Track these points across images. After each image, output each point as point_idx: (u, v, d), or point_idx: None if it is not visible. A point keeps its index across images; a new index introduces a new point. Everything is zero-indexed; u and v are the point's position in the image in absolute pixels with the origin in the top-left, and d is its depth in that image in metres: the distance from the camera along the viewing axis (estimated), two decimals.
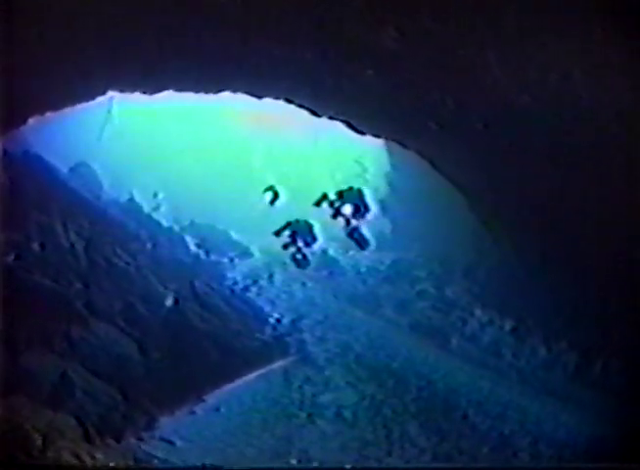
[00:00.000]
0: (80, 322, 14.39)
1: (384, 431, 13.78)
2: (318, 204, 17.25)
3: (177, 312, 15.57)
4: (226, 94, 15.30)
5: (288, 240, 17.25)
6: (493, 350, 15.98)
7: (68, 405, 12.98)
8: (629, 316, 13.94)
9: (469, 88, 12.79)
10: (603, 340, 14.74)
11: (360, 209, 17.24)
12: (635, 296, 13.78)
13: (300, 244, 17.24)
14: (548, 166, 13.83)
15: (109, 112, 18.30)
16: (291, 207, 18.14)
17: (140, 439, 13.09)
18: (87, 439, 12.61)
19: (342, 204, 17.10)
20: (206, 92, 15.36)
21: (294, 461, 12.92)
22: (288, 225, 17.15)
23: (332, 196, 17.13)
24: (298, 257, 17.39)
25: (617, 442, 13.23)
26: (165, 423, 13.47)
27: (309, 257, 17.44)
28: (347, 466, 12.75)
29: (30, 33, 11.63)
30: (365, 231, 17.83)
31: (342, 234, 17.57)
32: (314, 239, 17.49)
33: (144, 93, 15.03)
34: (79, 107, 15.03)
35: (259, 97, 15.37)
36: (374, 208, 18.44)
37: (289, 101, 15.24)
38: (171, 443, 13.08)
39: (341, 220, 17.30)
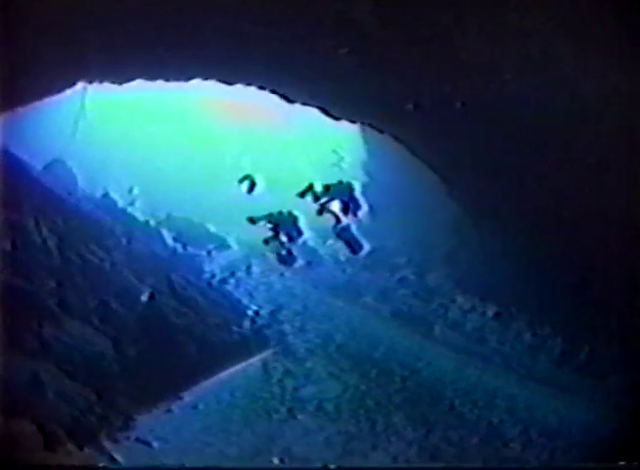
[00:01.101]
0: (53, 321, 13.40)
1: (368, 423, 12.78)
2: (302, 195, 16.35)
3: (153, 308, 14.40)
4: (197, 81, 14.61)
5: (269, 233, 16.06)
6: (477, 336, 14.80)
7: (39, 408, 12.13)
8: (616, 300, 13.37)
9: (447, 65, 11.59)
10: (589, 324, 13.89)
11: (349, 206, 16.22)
12: (622, 280, 13.22)
13: (284, 238, 16.03)
14: (530, 148, 13.09)
15: (82, 106, 16.81)
16: (269, 196, 16.78)
17: (115, 440, 12.23)
18: (58, 443, 11.74)
19: (330, 199, 16.17)
20: (177, 80, 14.61)
21: (275, 460, 12.06)
22: (269, 217, 16.03)
23: (317, 188, 16.27)
24: (283, 252, 16.10)
25: (608, 428, 12.69)
26: (142, 423, 12.55)
27: (295, 252, 16.12)
28: (332, 466, 11.96)
29: None
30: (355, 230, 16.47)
31: (329, 229, 16.39)
32: (299, 233, 16.24)
33: (113, 83, 14.41)
34: (51, 101, 14.47)
35: (231, 83, 14.48)
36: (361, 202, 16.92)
37: (261, 87, 14.36)
38: (148, 444, 12.19)
39: (327, 215, 16.26)
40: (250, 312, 15.01)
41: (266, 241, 16.17)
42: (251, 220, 16.09)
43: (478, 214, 15.24)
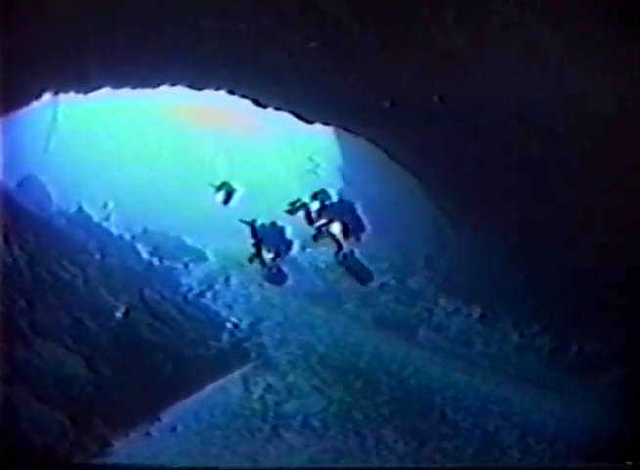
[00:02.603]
0: (24, 343, 11.75)
1: (357, 439, 11.34)
2: (290, 212, 15.05)
3: (128, 325, 12.90)
4: (165, 88, 13.01)
5: (251, 250, 14.71)
6: (463, 339, 13.69)
7: (9, 435, 10.53)
8: (604, 296, 12.26)
9: (425, 56, 10.29)
10: (577, 321, 12.77)
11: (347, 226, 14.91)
12: (609, 276, 12.13)
13: (269, 254, 14.57)
14: (513, 145, 11.79)
15: (53, 119, 15.51)
16: (247, 206, 15.61)
17: (90, 468, 10.86)
18: None
19: (321, 215, 14.88)
20: (144, 87, 13.14)
21: None
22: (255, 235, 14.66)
23: (306, 199, 15.11)
24: (273, 271, 14.78)
25: (604, 427, 11.52)
26: (119, 448, 11.05)
27: (284, 270, 14.82)
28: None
29: None
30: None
31: (308, 237, 15.23)
32: (287, 247, 14.84)
33: (78, 93, 12.76)
34: (21, 115, 12.92)
35: (199, 88, 12.99)
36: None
37: (231, 92, 12.90)
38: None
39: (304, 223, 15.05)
40: (228, 325, 13.63)
41: (250, 259, 14.85)
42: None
43: (457, 215, 14.17)
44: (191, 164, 16.47)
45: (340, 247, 14.66)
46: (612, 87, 10.22)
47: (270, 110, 13.38)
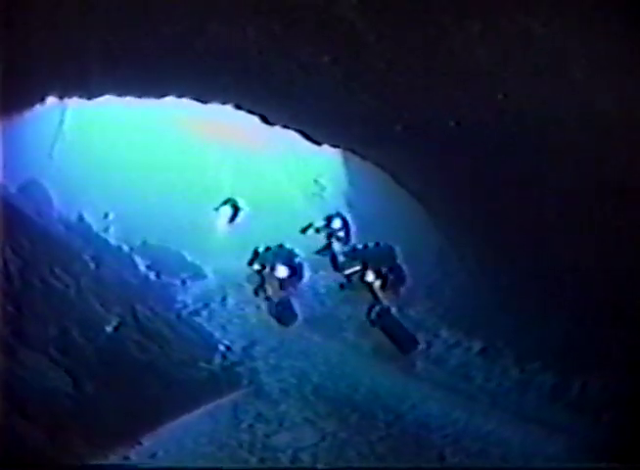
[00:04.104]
0: (8, 351, 10.40)
1: None
2: (304, 231, 13.85)
3: (116, 341, 11.58)
4: (170, 99, 11.85)
5: (256, 280, 13.25)
6: (462, 372, 12.46)
7: None
8: (608, 332, 10.91)
9: (443, 76, 9.02)
10: (580, 357, 11.40)
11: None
12: (613, 311, 10.73)
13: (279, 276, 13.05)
14: (530, 177, 10.45)
15: (60, 126, 14.67)
16: (252, 224, 14.68)
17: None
18: None
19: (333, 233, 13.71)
20: (149, 96, 12.01)
21: None
22: (256, 256, 13.08)
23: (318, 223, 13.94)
24: (280, 308, 13.16)
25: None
26: None
27: (295, 307, 13.36)
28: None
29: None
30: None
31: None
32: (300, 276, 13.34)
33: (81, 98, 11.72)
34: (27, 119, 11.98)
35: (205, 102, 11.84)
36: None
37: (237, 107, 11.71)
38: None
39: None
40: (221, 347, 12.37)
41: (256, 292, 13.27)
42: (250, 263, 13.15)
43: (463, 246, 13.09)
44: (195, 178, 15.56)
45: (376, 300, 12.85)
46: None
47: (277, 128, 12.26)
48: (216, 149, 15.44)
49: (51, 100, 11.61)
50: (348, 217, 14.67)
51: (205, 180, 15.51)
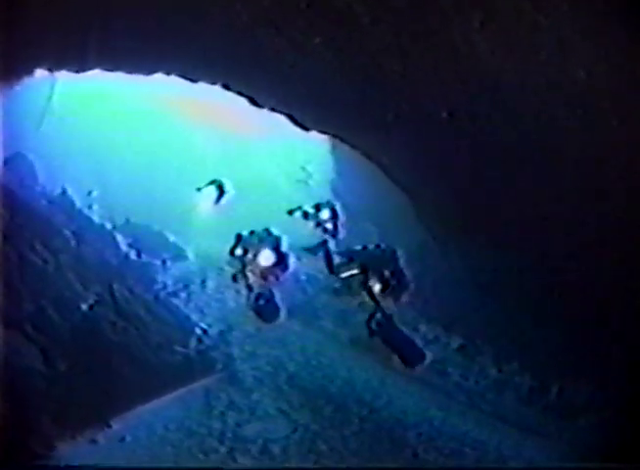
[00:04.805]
0: None
1: None
2: (291, 213, 13.02)
3: (91, 320, 11.26)
4: (159, 77, 11.77)
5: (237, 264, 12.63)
6: (439, 368, 11.93)
7: None
8: (587, 336, 10.99)
9: (439, 64, 8.58)
10: (559, 361, 11.32)
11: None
12: (593, 314, 10.85)
13: (262, 264, 12.52)
14: (525, 174, 10.37)
15: (49, 98, 13.89)
16: (237, 207, 13.73)
17: None
18: None
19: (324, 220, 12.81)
20: (139, 73, 11.84)
21: None
22: (238, 242, 12.60)
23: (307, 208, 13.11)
24: (261, 302, 12.40)
25: None
26: (63, 453, 9.58)
27: (278, 301, 12.57)
28: None
29: None
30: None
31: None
32: (285, 265, 12.69)
33: (69, 71, 11.75)
34: (16, 92, 12.02)
35: (193, 80, 11.59)
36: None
37: (225, 86, 11.44)
38: None
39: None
40: (197, 331, 11.82)
41: (234, 277, 12.62)
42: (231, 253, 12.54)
43: (447, 241, 12.46)
44: (182, 159, 14.44)
45: (377, 307, 12.15)
46: None
47: (265, 111, 11.95)
48: (203, 130, 14.85)
49: (40, 73, 11.48)
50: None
51: (191, 161, 14.49)
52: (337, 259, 12.77)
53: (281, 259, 12.59)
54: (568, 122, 8.64)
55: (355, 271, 12.20)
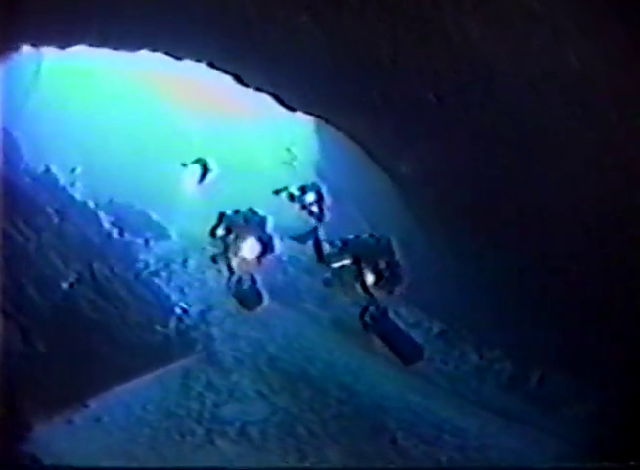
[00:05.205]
0: None
1: (297, 456, 9.34)
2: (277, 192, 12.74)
3: (71, 298, 10.90)
4: (144, 53, 11.36)
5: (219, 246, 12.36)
6: None
7: None
8: (569, 324, 10.65)
9: (429, 46, 8.27)
10: (540, 349, 11.05)
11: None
12: (576, 303, 10.53)
13: (246, 254, 12.16)
14: (510, 159, 10.03)
15: (36, 77, 13.58)
16: (221, 186, 13.51)
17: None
18: None
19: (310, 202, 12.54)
20: (124, 49, 11.46)
21: None
22: (220, 222, 12.31)
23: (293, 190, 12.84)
24: (244, 286, 11.98)
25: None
26: (39, 433, 9.23)
27: (260, 287, 12.19)
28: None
29: None
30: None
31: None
32: (271, 247, 12.36)
33: (55, 46, 11.37)
34: (4, 68, 11.44)
35: (179, 58, 11.19)
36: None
37: (211, 65, 11.11)
38: (38, 461, 8.77)
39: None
40: (177, 310, 11.51)
41: (214, 258, 12.32)
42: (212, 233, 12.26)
43: (431, 226, 12.20)
44: (166, 137, 14.20)
45: (371, 300, 11.81)
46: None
47: (251, 91, 11.63)
48: (189, 108, 14.56)
49: (27, 49, 11.20)
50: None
51: (176, 140, 14.27)
52: (327, 248, 12.50)
53: (266, 244, 12.28)
54: (561, 110, 8.37)
55: (347, 262, 11.86)
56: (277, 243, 12.84)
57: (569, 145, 8.89)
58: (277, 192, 12.67)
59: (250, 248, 12.07)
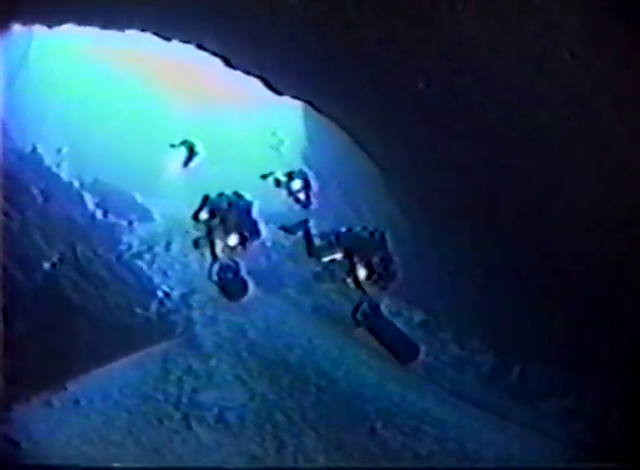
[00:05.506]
0: None
1: (274, 444, 9.21)
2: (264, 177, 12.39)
3: (53, 279, 10.77)
4: (133, 33, 11.10)
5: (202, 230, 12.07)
6: None
7: None
8: (552, 318, 10.44)
9: (421, 33, 8.10)
10: (522, 342, 10.79)
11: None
12: (559, 295, 10.35)
13: (230, 240, 11.89)
14: (499, 151, 9.84)
15: (25, 56, 13.47)
16: (207, 170, 13.23)
17: None
18: None
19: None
20: (112, 27, 11.14)
21: None
22: (204, 204, 12.02)
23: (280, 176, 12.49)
24: (229, 274, 11.66)
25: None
26: (18, 414, 9.19)
27: (245, 276, 11.86)
28: None
29: None
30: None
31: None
32: (257, 231, 12.08)
33: (43, 24, 11.17)
34: None
35: (167, 38, 10.95)
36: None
37: (200, 46, 10.82)
38: (15, 443, 8.75)
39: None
40: (159, 293, 11.30)
41: (195, 243, 12.07)
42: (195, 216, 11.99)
43: (415, 214, 11.92)
44: (153, 119, 13.99)
45: (364, 295, 11.45)
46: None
47: (239, 73, 11.30)
48: (176, 90, 14.35)
49: (18, 28, 11.08)
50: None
51: (162, 121, 14.00)
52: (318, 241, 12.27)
53: (251, 229, 12.06)
54: (551, 102, 8.20)
55: (338, 255, 11.59)
56: (262, 228, 12.73)
57: (560, 134, 8.74)
58: (264, 177, 12.43)
59: (234, 234, 11.87)
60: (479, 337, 11.06)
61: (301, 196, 12.61)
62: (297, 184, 12.40)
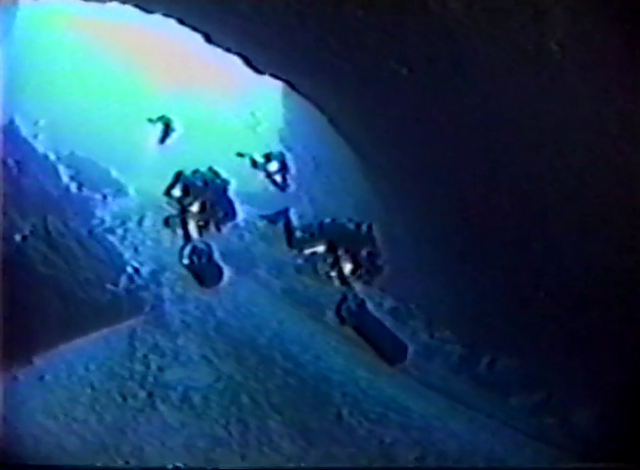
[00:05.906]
0: None
1: (238, 427, 9.06)
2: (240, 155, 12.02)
3: (23, 251, 10.57)
4: (115, 5, 10.88)
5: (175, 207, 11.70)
6: None
7: None
8: (524, 310, 10.22)
9: (400, 16, 7.87)
10: (492, 333, 10.56)
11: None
12: (533, 287, 10.09)
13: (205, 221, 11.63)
14: (478, 141, 9.48)
15: (8, 29, 13.01)
16: (184, 147, 12.89)
17: None
18: None
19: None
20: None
21: (120, 461, 8.53)
22: (178, 178, 11.73)
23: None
24: (203, 260, 11.36)
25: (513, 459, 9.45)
26: None
27: (219, 261, 11.52)
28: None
29: None
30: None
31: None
32: (233, 211, 11.74)
33: None
34: None
35: (148, 11, 10.65)
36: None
37: (181, 21, 10.52)
38: None
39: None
40: (129, 269, 11.06)
41: (166, 220, 11.75)
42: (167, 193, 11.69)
43: (392, 200, 11.72)
44: (131, 94, 13.70)
45: (347, 291, 11.03)
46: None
47: (220, 51, 11.08)
48: (156, 65, 14.09)
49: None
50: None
51: (141, 97, 13.71)
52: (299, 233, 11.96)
53: (226, 208, 11.77)
54: (540, 93, 7.96)
55: (321, 248, 11.26)
56: (238, 208, 12.48)
57: (546, 124, 8.50)
58: (240, 155, 12.14)
59: (208, 214, 11.58)
60: (449, 326, 10.86)
61: (278, 178, 12.35)
62: (274, 166, 12.13)
